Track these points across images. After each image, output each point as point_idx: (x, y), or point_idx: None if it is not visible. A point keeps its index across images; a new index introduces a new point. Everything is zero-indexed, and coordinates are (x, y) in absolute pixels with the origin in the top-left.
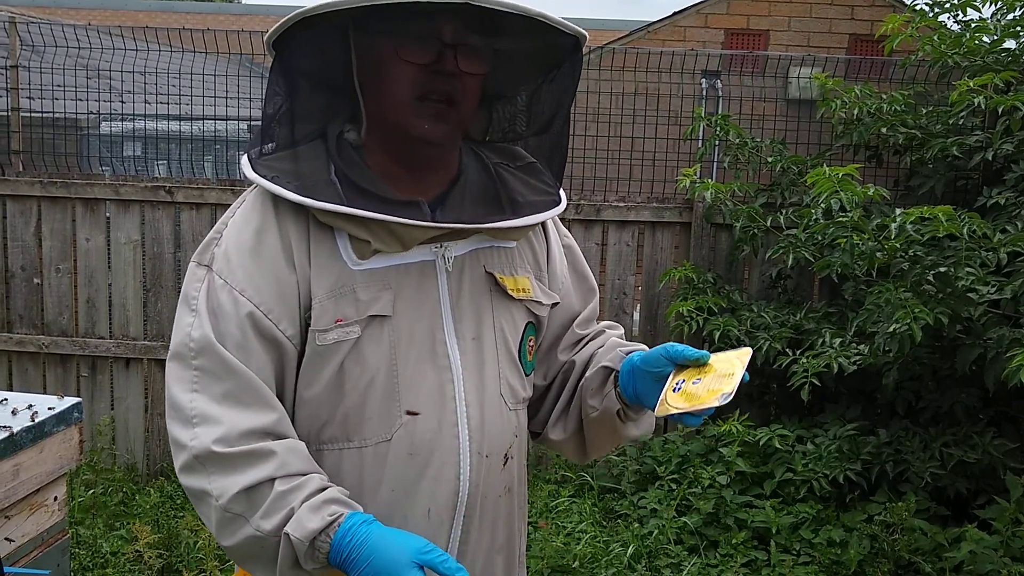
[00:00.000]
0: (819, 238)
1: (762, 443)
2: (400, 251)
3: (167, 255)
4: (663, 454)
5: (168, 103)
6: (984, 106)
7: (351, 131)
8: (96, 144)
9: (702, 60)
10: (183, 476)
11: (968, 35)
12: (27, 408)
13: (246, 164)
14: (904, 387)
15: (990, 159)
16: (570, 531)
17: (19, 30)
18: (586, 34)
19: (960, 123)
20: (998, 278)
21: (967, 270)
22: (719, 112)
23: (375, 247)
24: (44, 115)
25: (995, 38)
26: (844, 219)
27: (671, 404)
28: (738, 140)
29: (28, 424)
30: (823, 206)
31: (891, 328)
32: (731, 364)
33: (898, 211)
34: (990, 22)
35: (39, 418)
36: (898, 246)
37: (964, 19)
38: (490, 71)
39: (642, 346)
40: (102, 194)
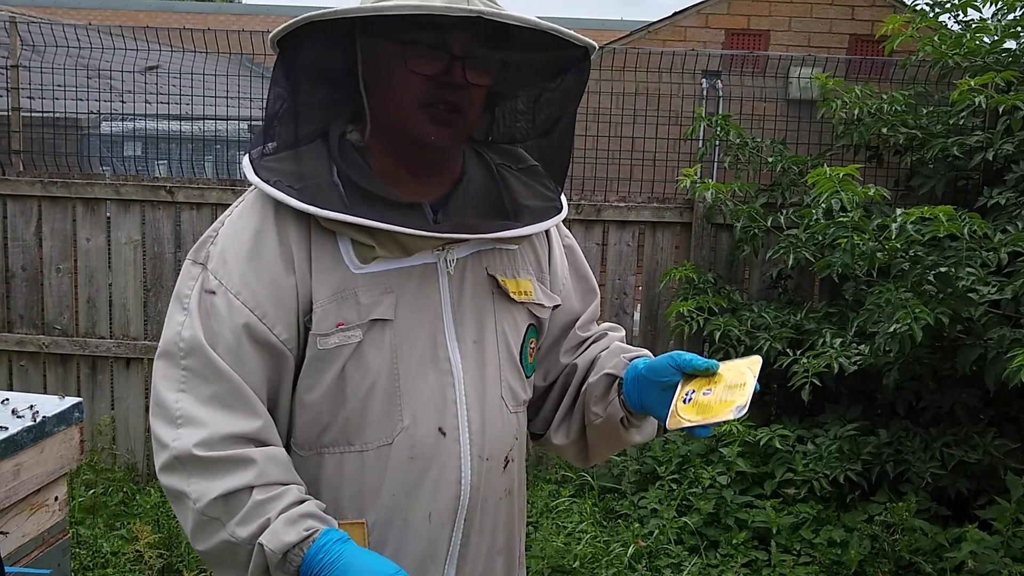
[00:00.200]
0: (820, 238)
1: (762, 443)
2: (402, 256)
3: (167, 255)
4: (663, 454)
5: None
6: (985, 106)
7: (353, 132)
8: (96, 144)
9: (702, 60)
10: (163, 475)
11: (968, 35)
12: (28, 408)
13: (247, 166)
14: (905, 387)
15: (990, 159)
16: (570, 531)
17: (20, 30)
18: (595, 45)
19: (960, 123)
20: (999, 278)
21: (968, 270)
22: (719, 112)
23: (378, 253)
24: (45, 115)
25: (995, 38)
26: (845, 219)
27: (683, 417)
28: (739, 140)
29: (29, 424)
30: (824, 206)
31: (892, 328)
32: (741, 374)
33: (899, 211)
34: (990, 22)
35: (40, 418)
36: (899, 246)
37: (964, 19)
38: (497, 77)
39: (645, 352)
40: (102, 194)
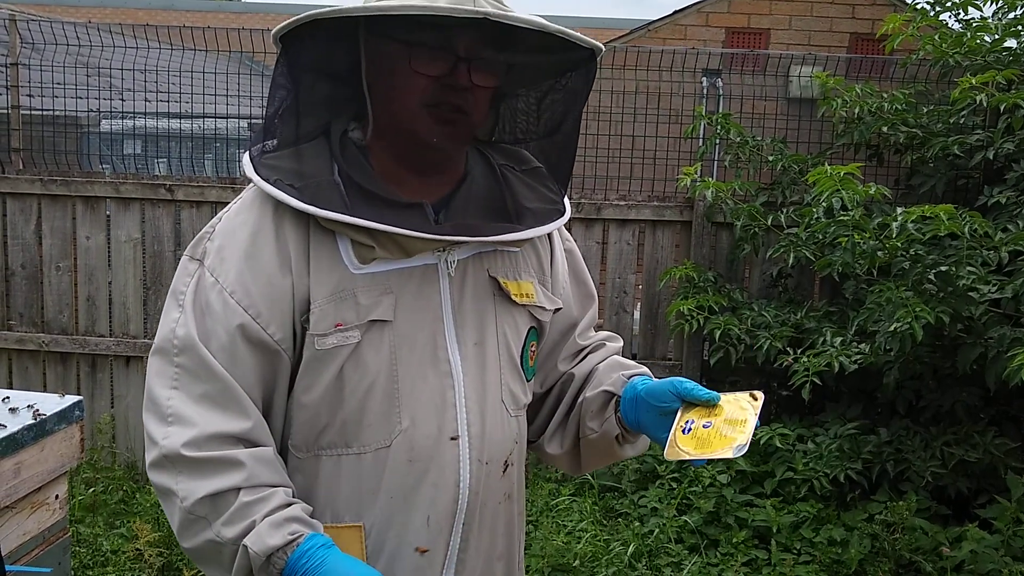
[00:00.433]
0: (820, 237)
1: (763, 442)
2: (402, 258)
3: (167, 253)
4: (663, 453)
5: (168, 101)
6: (985, 104)
7: (355, 130)
8: (96, 142)
9: (703, 59)
10: (152, 472)
11: (969, 34)
12: (28, 406)
13: (248, 164)
14: (905, 386)
15: (991, 158)
16: (571, 530)
17: (19, 28)
18: (602, 47)
19: (961, 122)
20: (999, 277)
21: (968, 269)
22: (720, 111)
23: (378, 254)
24: (44, 113)
25: (996, 37)
26: (845, 218)
27: (681, 448)
28: (739, 139)
29: (29, 422)
30: (824, 205)
31: (892, 327)
32: (743, 409)
33: (899, 210)
34: (991, 21)
35: (40, 416)
36: (899, 245)
37: (965, 18)
38: (502, 79)
39: (644, 369)
40: (102, 192)
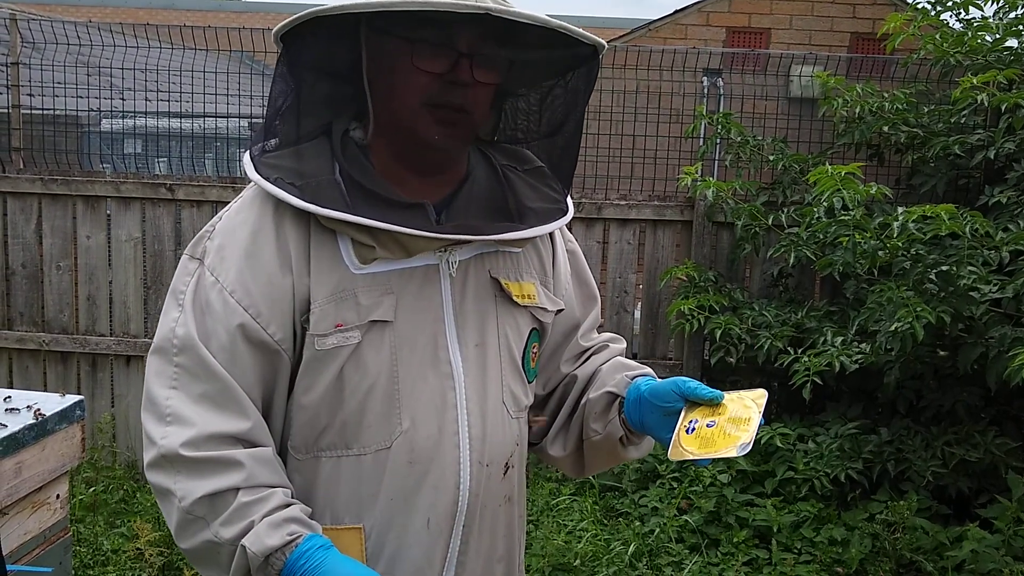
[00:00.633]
0: (821, 236)
1: (763, 441)
2: (403, 258)
3: (168, 252)
4: (664, 453)
5: (169, 100)
6: (986, 104)
7: (357, 129)
8: (97, 141)
9: (703, 58)
10: (150, 472)
11: (970, 34)
12: (29, 406)
13: (248, 163)
14: (906, 386)
15: (992, 158)
16: (571, 529)
17: (20, 27)
18: (604, 44)
19: (962, 122)
20: (1000, 277)
21: (969, 269)
22: (720, 110)
23: (378, 254)
24: (45, 112)
25: (997, 37)
26: (846, 218)
27: (685, 448)
28: (739, 138)
29: (30, 422)
30: (825, 204)
31: (893, 327)
32: (746, 408)
33: (900, 210)
34: (992, 20)
35: (41, 416)
36: (900, 245)
37: (966, 17)
38: (504, 76)
39: (647, 370)
40: (103, 191)
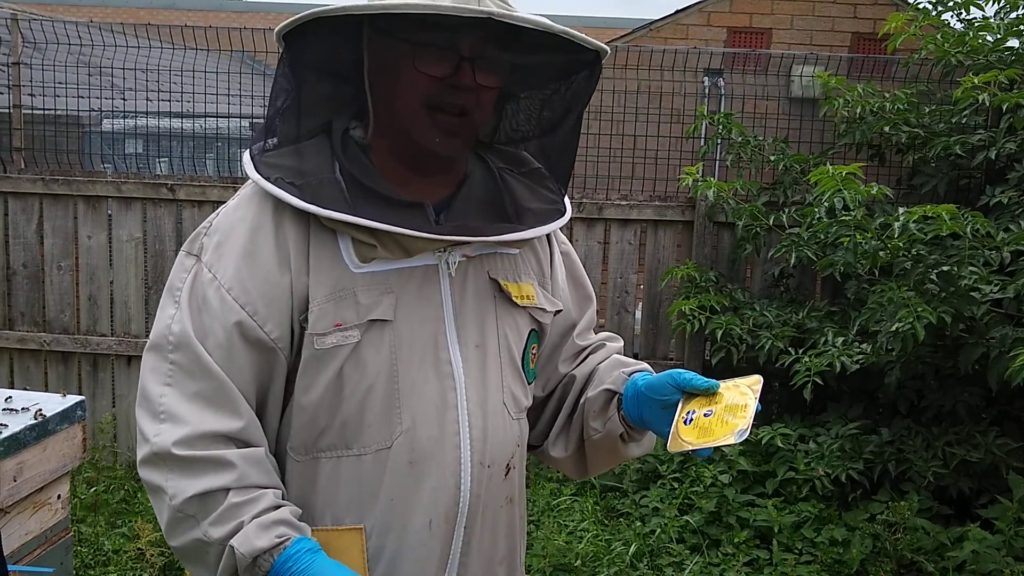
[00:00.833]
0: (822, 237)
1: (764, 442)
2: (403, 258)
3: (169, 252)
4: (665, 453)
5: (170, 100)
6: (988, 104)
7: (357, 128)
8: (98, 141)
9: (704, 58)
10: (143, 468)
11: (971, 34)
12: (31, 406)
13: (248, 163)
14: (906, 386)
15: (993, 158)
16: (572, 530)
17: (21, 27)
18: (607, 49)
19: (963, 122)
20: (1001, 277)
21: (970, 269)
22: (721, 110)
23: (379, 253)
24: (46, 112)
25: (998, 36)
26: (847, 218)
27: (684, 439)
28: (740, 138)
29: (32, 422)
30: (826, 205)
31: (894, 327)
32: (743, 395)
33: (901, 210)
34: (993, 21)
35: (42, 416)
36: (901, 245)
37: (967, 18)
38: (506, 80)
39: (644, 365)
40: (104, 191)
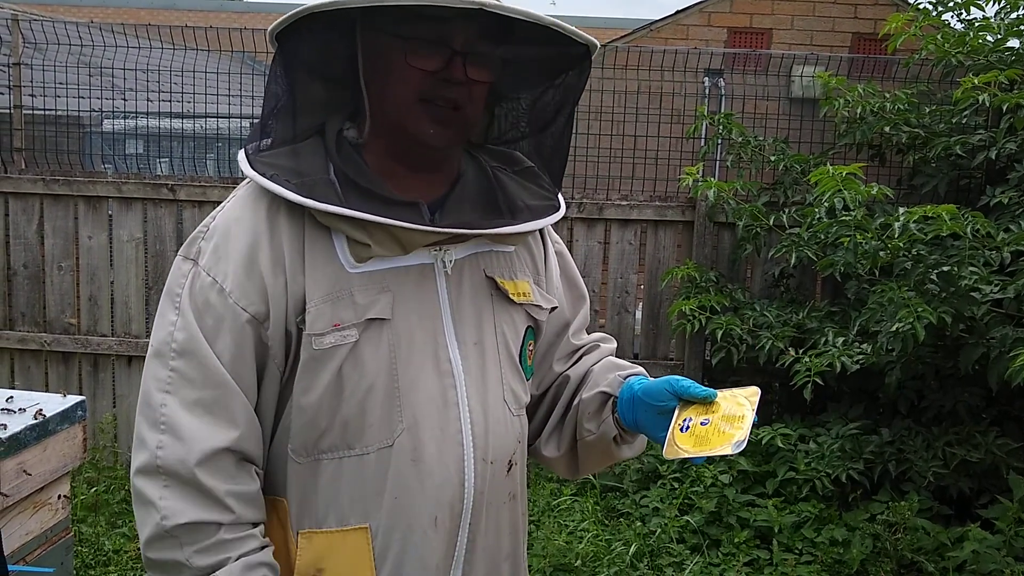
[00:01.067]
0: (822, 237)
1: (764, 442)
2: (399, 254)
3: (169, 253)
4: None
5: (170, 101)
6: (988, 104)
7: (351, 128)
8: (98, 142)
9: (705, 58)
10: (138, 477)
11: (971, 34)
12: (31, 406)
13: (243, 160)
14: (907, 386)
15: (993, 158)
16: (572, 530)
17: (21, 27)
18: (597, 43)
19: (963, 122)
20: (1001, 277)
21: (970, 269)
22: (722, 111)
23: (374, 251)
24: (46, 112)
25: (999, 37)
26: (847, 218)
27: (680, 446)
28: (741, 139)
29: (32, 422)
30: (826, 205)
31: (894, 327)
32: (740, 405)
33: (901, 210)
34: (993, 21)
35: (43, 416)
36: (901, 245)
37: (967, 18)
38: (497, 74)
39: (639, 369)
40: (104, 192)
